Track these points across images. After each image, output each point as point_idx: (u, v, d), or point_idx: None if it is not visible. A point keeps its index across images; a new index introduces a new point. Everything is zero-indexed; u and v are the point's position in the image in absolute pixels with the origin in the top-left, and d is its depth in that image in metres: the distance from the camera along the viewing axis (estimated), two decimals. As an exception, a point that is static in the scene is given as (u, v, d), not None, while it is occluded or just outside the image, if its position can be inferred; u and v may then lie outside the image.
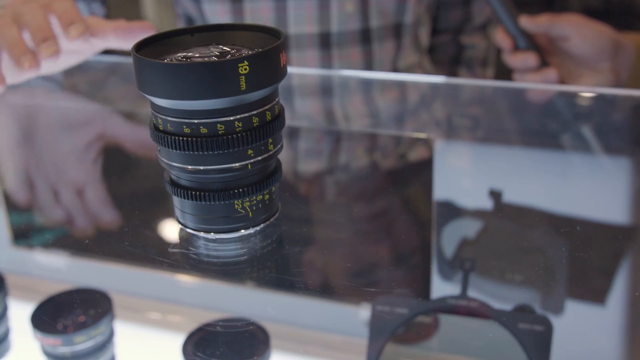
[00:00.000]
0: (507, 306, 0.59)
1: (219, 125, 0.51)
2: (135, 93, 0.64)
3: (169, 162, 0.54)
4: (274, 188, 0.56)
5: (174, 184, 0.56)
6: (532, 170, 0.83)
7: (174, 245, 0.58)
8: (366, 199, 0.74)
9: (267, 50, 0.50)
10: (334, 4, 1.05)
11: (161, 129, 0.53)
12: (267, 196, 0.56)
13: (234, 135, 0.52)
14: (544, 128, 0.93)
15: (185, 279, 0.59)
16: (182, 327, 0.56)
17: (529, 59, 0.98)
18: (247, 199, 0.55)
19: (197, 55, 0.52)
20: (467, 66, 1.26)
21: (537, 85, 0.99)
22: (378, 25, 1.08)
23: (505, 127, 0.95)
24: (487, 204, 0.75)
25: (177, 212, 0.58)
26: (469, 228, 0.72)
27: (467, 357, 0.59)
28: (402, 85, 1.04)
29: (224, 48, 0.54)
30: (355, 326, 0.58)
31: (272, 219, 0.57)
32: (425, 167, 0.85)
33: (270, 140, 0.54)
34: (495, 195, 0.79)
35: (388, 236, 0.67)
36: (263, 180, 0.55)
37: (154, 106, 0.53)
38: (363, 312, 0.57)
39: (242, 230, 0.56)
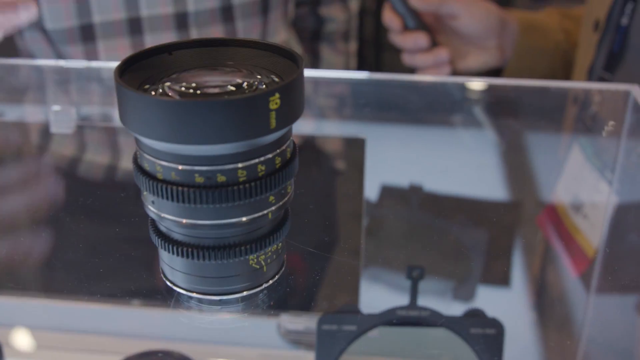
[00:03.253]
0: (457, 311, 0.56)
1: (239, 171, 0.41)
2: None
3: (167, 216, 0.43)
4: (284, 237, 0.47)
5: (166, 238, 0.45)
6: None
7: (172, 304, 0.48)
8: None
9: (296, 79, 0.41)
10: None
11: (160, 177, 0.42)
12: (280, 245, 0.47)
13: (257, 182, 0.42)
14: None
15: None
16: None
17: (420, 39, 0.94)
18: (263, 252, 0.45)
19: (207, 83, 0.42)
20: (329, 41, 1.19)
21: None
22: (241, 0, 0.99)
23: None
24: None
25: (166, 269, 0.47)
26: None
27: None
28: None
29: (230, 73, 0.44)
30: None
31: (280, 272, 0.48)
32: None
33: (289, 182, 0.45)
34: (416, 190, 0.76)
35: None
36: (277, 228, 0.46)
37: (151, 150, 0.42)
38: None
39: (248, 290, 0.47)
